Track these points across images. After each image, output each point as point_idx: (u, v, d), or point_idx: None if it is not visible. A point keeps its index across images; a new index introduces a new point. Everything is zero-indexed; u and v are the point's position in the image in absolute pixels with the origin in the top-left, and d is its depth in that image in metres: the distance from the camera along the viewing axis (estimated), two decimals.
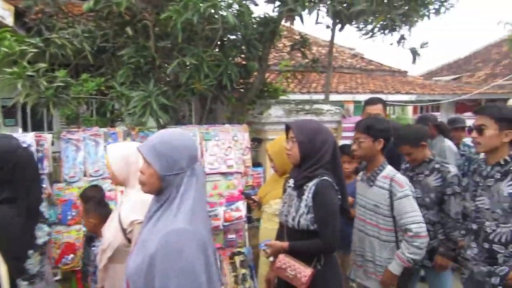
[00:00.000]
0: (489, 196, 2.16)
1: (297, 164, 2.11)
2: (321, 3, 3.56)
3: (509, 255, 2.08)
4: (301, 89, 9.05)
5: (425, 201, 2.66)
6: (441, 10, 4.28)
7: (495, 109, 2.15)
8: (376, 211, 2.40)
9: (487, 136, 2.12)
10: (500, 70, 17.35)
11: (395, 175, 2.38)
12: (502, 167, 2.14)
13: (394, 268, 2.29)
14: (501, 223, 2.10)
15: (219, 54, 3.76)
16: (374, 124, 2.42)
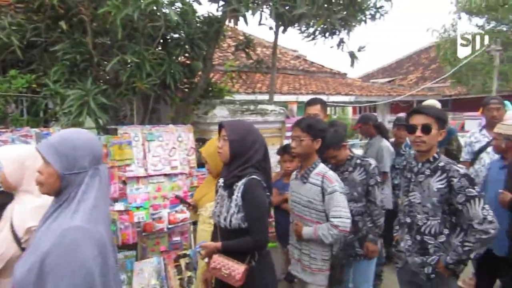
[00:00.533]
0: (420, 191, 2.31)
1: (227, 162, 2.14)
2: (264, 5, 3.60)
3: (438, 246, 2.25)
4: (246, 89, 9.12)
5: (353, 195, 2.83)
6: (376, 16, 4.53)
7: (435, 110, 2.31)
8: (309, 207, 2.52)
9: (431, 135, 2.24)
10: (429, 74, 18.80)
11: (327, 172, 2.51)
12: (431, 164, 2.29)
13: (306, 232, 2.50)
14: (430, 216, 2.26)
15: (162, 52, 3.66)
16: (314, 124, 2.52)
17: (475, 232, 2.12)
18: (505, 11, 10.38)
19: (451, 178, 2.18)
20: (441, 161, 2.28)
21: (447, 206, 2.23)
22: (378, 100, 11.99)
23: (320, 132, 2.51)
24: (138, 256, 3.49)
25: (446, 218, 2.25)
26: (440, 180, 2.23)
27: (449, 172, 2.20)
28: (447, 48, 11.71)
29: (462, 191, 2.15)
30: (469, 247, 2.13)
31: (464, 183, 2.15)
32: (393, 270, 3.04)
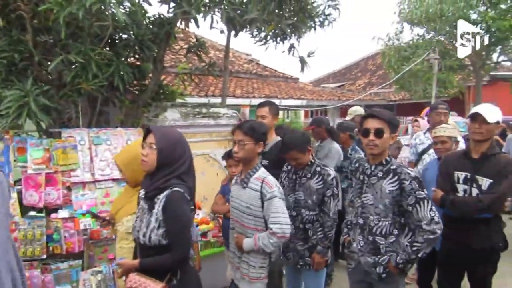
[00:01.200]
0: (372, 193, 2.36)
1: (151, 173, 1.97)
2: (215, 8, 3.60)
3: (389, 246, 2.32)
4: (199, 92, 9.05)
5: (307, 202, 2.77)
6: (325, 23, 4.69)
7: (387, 114, 2.35)
8: (248, 213, 2.45)
9: (384, 139, 2.29)
10: (376, 80, 19.73)
11: (266, 176, 2.45)
12: (384, 167, 2.35)
13: (247, 243, 2.44)
14: (382, 217, 2.32)
15: (110, 53, 3.54)
16: (257, 127, 2.46)
17: (423, 233, 2.20)
18: (442, 22, 11.16)
19: (403, 180, 2.24)
20: (393, 164, 2.34)
21: (397, 208, 2.29)
22: (329, 104, 12.39)
23: (263, 135, 2.46)
24: (84, 266, 3.33)
25: (396, 219, 2.31)
26: (392, 182, 2.28)
27: (400, 175, 2.26)
28: (391, 56, 12.38)
29: (412, 193, 2.22)
30: (417, 247, 2.22)
31: (414, 186, 2.22)
32: (343, 269, 3.13)
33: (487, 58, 12.61)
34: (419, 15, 11.29)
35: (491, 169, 2.60)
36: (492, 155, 2.65)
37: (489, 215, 2.63)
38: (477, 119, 2.62)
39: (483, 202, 2.56)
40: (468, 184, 2.68)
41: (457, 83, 12.83)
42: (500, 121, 2.68)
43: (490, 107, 2.69)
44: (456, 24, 11.43)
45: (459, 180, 2.73)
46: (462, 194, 2.70)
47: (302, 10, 4.27)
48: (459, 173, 2.73)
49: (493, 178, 2.58)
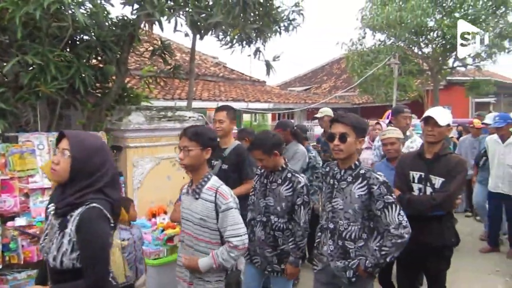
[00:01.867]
0: (342, 197, 2.36)
1: (63, 183, 1.72)
2: (180, 11, 3.58)
3: (358, 250, 2.33)
4: (165, 95, 8.94)
5: (276, 209, 2.69)
6: (289, 28, 4.77)
7: (352, 118, 2.35)
8: (202, 225, 2.31)
9: (348, 143, 2.28)
10: (341, 83, 20.27)
11: (220, 186, 2.31)
12: (353, 171, 2.36)
13: (203, 263, 2.25)
14: (351, 222, 2.33)
15: (70, 54, 3.43)
16: (203, 131, 2.32)
17: (391, 237, 2.23)
18: (402, 29, 11.63)
19: (371, 185, 2.26)
20: (362, 169, 2.36)
21: (366, 212, 2.31)
22: (295, 107, 12.58)
23: (210, 140, 2.31)
24: None
25: (365, 224, 2.33)
26: (361, 187, 2.30)
27: (369, 179, 2.28)
28: (354, 60, 12.75)
29: (380, 198, 2.25)
30: (386, 251, 2.24)
31: (383, 191, 2.25)
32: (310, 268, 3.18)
33: (444, 64, 13.26)
34: (380, 22, 11.71)
35: (443, 169, 2.72)
36: (444, 155, 2.77)
37: (442, 212, 2.75)
38: (429, 122, 2.74)
39: (436, 200, 2.67)
40: (423, 183, 2.79)
41: (416, 87, 13.41)
42: (450, 124, 2.81)
43: (442, 111, 2.82)
44: (415, 30, 12.00)
45: (414, 179, 2.84)
46: (417, 193, 2.81)
47: (267, 15, 4.33)
48: (414, 172, 2.84)
49: (445, 177, 2.70)
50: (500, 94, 17.66)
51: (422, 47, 13.13)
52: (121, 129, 4.14)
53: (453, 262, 4.66)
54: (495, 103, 17.91)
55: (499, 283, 4.26)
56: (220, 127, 3.30)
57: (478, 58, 12.74)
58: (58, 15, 3.20)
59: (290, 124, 4.65)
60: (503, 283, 4.25)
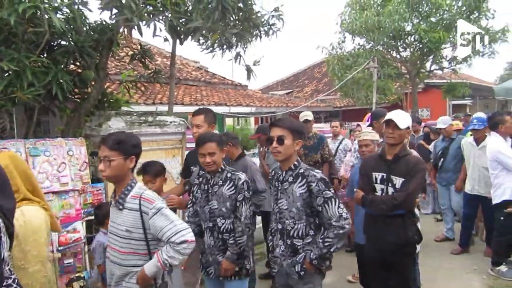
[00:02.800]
0: (286, 198, 2.47)
1: None
2: (159, 16, 3.58)
3: (306, 246, 2.44)
4: (146, 100, 8.87)
5: (222, 210, 2.68)
6: (270, 33, 4.81)
7: (288, 122, 2.52)
8: (127, 237, 2.15)
9: (285, 145, 2.42)
10: (322, 87, 20.48)
11: (143, 192, 2.18)
12: (293, 171, 2.48)
13: (149, 268, 2.12)
14: (297, 220, 2.44)
15: (46, 60, 3.38)
16: (125, 139, 2.15)
17: (333, 228, 2.34)
18: (380, 33, 11.85)
19: (310, 183, 2.38)
20: (301, 168, 2.47)
21: (309, 209, 2.42)
22: (277, 111, 12.65)
23: (133, 148, 2.15)
24: None
25: (310, 220, 2.44)
26: (301, 185, 2.41)
27: (307, 177, 2.40)
28: (335, 64, 12.91)
29: (320, 194, 2.36)
30: (329, 242, 2.35)
31: (321, 187, 2.36)
32: None
33: (421, 67, 13.56)
34: (359, 26, 11.90)
35: (403, 169, 2.85)
36: (404, 156, 2.91)
37: (403, 211, 2.86)
38: (390, 125, 2.87)
39: (396, 200, 2.79)
40: (385, 184, 2.92)
41: (396, 90, 13.65)
42: (410, 127, 2.98)
43: (402, 114, 2.94)
44: (393, 35, 12.25)
45: (377, 180, 2.96)
46: (380, 193, 2.94)
47: (246, 20, 4.35)
48: (377, 174, 2.97)
49: (404, 177, 2.83)
50: (476, 96, 18.17)
51: (400, 51, 13.40)
52: (100, 134, 4.08)
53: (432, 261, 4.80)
54: (471, 105, 18.43)
55: (476, 280, 4.38)
56: (197, 132, 3.19)
57: (454, 61, 13.09)
58: (34, 20, 3.15)
59: None
60: (480, 281, 4.37)
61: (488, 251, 4.92)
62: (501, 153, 4.25)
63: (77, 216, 3.69)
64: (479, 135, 4.84)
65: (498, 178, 4.31)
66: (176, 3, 3.61)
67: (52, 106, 3.95)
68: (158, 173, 3.22)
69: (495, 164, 4.33)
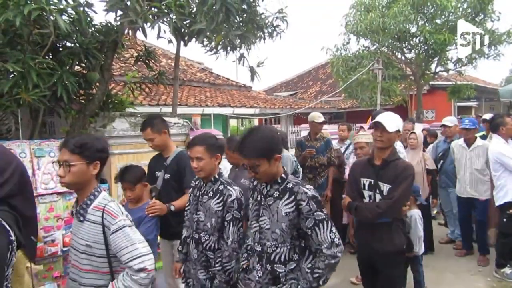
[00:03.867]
0: (269, 215, 2.09)
1: None
2: (163, 18, 3.59)
3: (289, 273, 2.06)
4: (150, 101, 8.91)
5: (206, 225, 2.41)
6: (273, 34, 4.82)
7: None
8: (89, 253, 1.93)
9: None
10: (326, 88, 20.48)
11: (107, 204, 1.94)
12: (279, 185, 2.09)
13: None
14: (280, 243, 2.06)
15: (51, 62, 3.41)
16: (89, 142, 1.93)
17: (324, 257, 1.98)
18: (385, 35, 11.84)
19: (299, 201, 2.00)
20: (290, 182, 2.09)
21: (296, 231, 2.06)
22: (281, 112, 12.65)
23: (98, 152, 1.94)
24: None
25: (295, 243, 2.07)
26: (289, 203, 2.03)
27: (297, 194, 2.02)
28: (339, 66, 12.90)
29: (310, 215, 1.99)
30: (319, 274, 2.00)
31: (312, 207, 1.99)
32: None
33: (426, 69, 13.52)
34: (363, 28, 11.89)
35: (390, 175, 2.69)
36: (392, 161, 2.74)
37: (388, 219, 2.72)
38: (378, 128, 2.72)
39: (380, 208, 2.64)
40: (372, 190, 2.76)
41: (400, 92, 13.62)
42: (400, 130, 2.80)
43: (391, 117, 2.79)
44: (397, 36, 12.22)
45: (365, 186, 2.81)
46: (367, 200, 2.79)
47: (250, 21, 4.37)
48: (364, 179, 2.82)
49: (391, 184, 2.67)
50: (481, 98, 18.08)
51: (405, 52, 13.38)
52: (105, 135, 4.12)
53: (437, 263, 4.78)
54: (477, 107, 18.33)
55: (481, 282, 4.35)
56: (152, 145, 3.18)
57: (459, 63, 13.03)
58: (40, 22, 3.17)
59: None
60: (484, 283, 4.34)
61: (481, 258, 4.84)
62: (504, 155, 4.24)
63: None
64: (470, 136, 4.82)
65: (500, 179, 4.29)
66: (181, 5, 3.62)
67: (57, 107, 3.97)
68: (137, 180, 2.88)
69: (497, 166, 4.31)
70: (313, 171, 5.01)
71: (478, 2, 11.26)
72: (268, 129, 2.24)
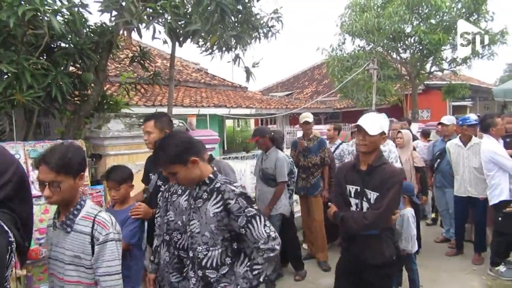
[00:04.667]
0: (198, 218, 1.99)
1: None
2: (158, 18, 3.59)
3: (221, 278, 1.96)
4: (146, 102, 8.89)
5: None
6: (269, 35, 4.83)
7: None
8: (76, 264, 1.89)
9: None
10: (322, 88, 20.53)
11: (98, 213, 1.92)
12: (208, 186, 2.01)
13: None
14: (210, 247, 1.95)
15: (46, 63, 3.40)
16: (71, 158, 1.86)
17: (262, 252, 1.88)
18: (380, 35, 11.89)
19: (227, 200, 1.91)
20: (218, 182, 2.00)
21: (227, 233, 1.95)
22: (277, 113, 12.66)
23: (81, 165, 1.90)
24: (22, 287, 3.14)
25: (227, 246, 1.97)
26: (216, 203, 1.94)
27: (224, 193, 1.93)
28: (334, 66, 12.94)
29: (241, 213, 1.89)
30: (259, 270, 1.88)
31: (242, 204, 1.89)
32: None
33: (421, 69, 13.59)
34: (359, 28, 11.95)
35: (377, 181, 2.50)
36: (378, 166, 2.54)
37: (376, 231, 2.53)
38: (360, 131, 2.54)
39: (367, 219, 2.45)
40: (359, 198, 2.57)
41: (395, 92, 13.68)
42: (386, 132, 2.60)
43: (373, 118, 2.59)
44: (393, 36, 12.28)
45: (351, 193, 2.61)
46: (354, 208, 2.60)
47: (245, 22, 4.37)
48: (351, 186, 2.62)
49: (378, 191, 2.48)
50: (476, 97, 18.19)
51: (400, 52, 13.45)
52: (100, 136, 4.10)
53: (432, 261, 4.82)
54: (472, 106, 18.44)
55: (476, 281, 4.39)
56: (147, 139, 2.93)
57: (454, 63, 13.11)
58: (34, 22, 3.16)
59: (267, 130, 4.69)
60: (479, 281, 4.38)
61: (476, 257, 4.88)
62: (497, 154, 4.28)
63: None
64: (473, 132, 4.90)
65: (495, 179, 4.32)
66: (176, 5, 3.61)
67: (51, 108, 3.96)
68: (123, 180, 2.84)
69: (490, 165, 4.34)
70: (306, 171, 5.02)
71: (472, 2, 11.34)
72: (179, 135, 2.07)
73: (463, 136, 4.93)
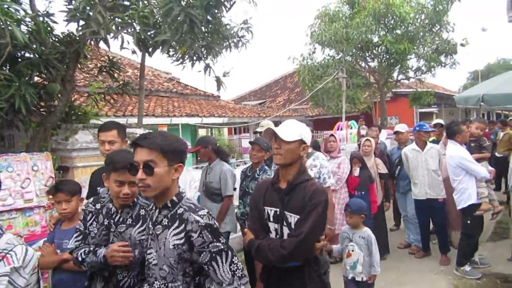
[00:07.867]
0: (156, 248, 1.73)
1: None
2: (127, 29, 3.57)
3: None
4: (116, 112, 8.74)
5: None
6: (239, 45, 4.88)
7: (159, 140, 1.67)
8: None
9: (156, 175, 1.64)
10: (294, 97, 20.80)
11: (12, 249, 1.45)
12: (169, 211, 1.73)
13: None
14: (169, 282, 1.69)
15: (8, 74, 3.30)
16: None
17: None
18: (349, 44, 12.21)
19: (190, 232, 1.64)
20: (181, 207, 1.72)
21: (189, 267, 1.70)
22: (250, 121, 12.72)
23: None
24: None
25: (189, 283, 1.71)
26: (177, 233, 1.67)
27: (187, 223, 1.66)
28: (305, 74, 13.16)
29: (205, 248, 1.64)
30: None
31: (207, 237, 1.64)
32: None
33: (389, 77, 14.03)
34: (328, 38, 12.22)
35: (298, 202, 2.05)
36: (299, 183, 2.09)
37: (298, 263, 2.07)
38: (276, 139, 2.10)
39: (285, 248, 1.99)
40: (279, 222, 2.11)
41: (365, 99, 14.04)
42: (305, 140, 2.13)
43: (291, 125, 2.17)
44: (361, 46, 12.64)
45: (269, 217, 2.14)
46: (274, 235, 2.13)
47: (215, 32, 4.41)
48: (269, 208, 2.14)
49: (299, 214, 2.03)
50: (442, 104, 18.94)
51: (368, 61, 13.84)
52: (67, 148, 4.01)
53: (400, 265, 4.93)
54: (437, 113, 19.18)
55: (443, 281, 4.53)
56: (110, 149, 2.66)
57: (419, 71, 13.62)
58: None
59: (211, 141, 4.20)
60: (446, 281, 4.52)
61: (443, 259, 5.03)
62: (465, 159, 4.44)
63: (43, 233, 3.57)
64: None
65: (462, 183, 4.47)
66: (145, 16, 3.61)
67: (15, 120, 3.84)
68: (76, 191, 2.64)
69: (458, 170, 4.50)
70: None
71: (434, 13, 11.85)
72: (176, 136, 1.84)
73: (420, 142, 5.12)
